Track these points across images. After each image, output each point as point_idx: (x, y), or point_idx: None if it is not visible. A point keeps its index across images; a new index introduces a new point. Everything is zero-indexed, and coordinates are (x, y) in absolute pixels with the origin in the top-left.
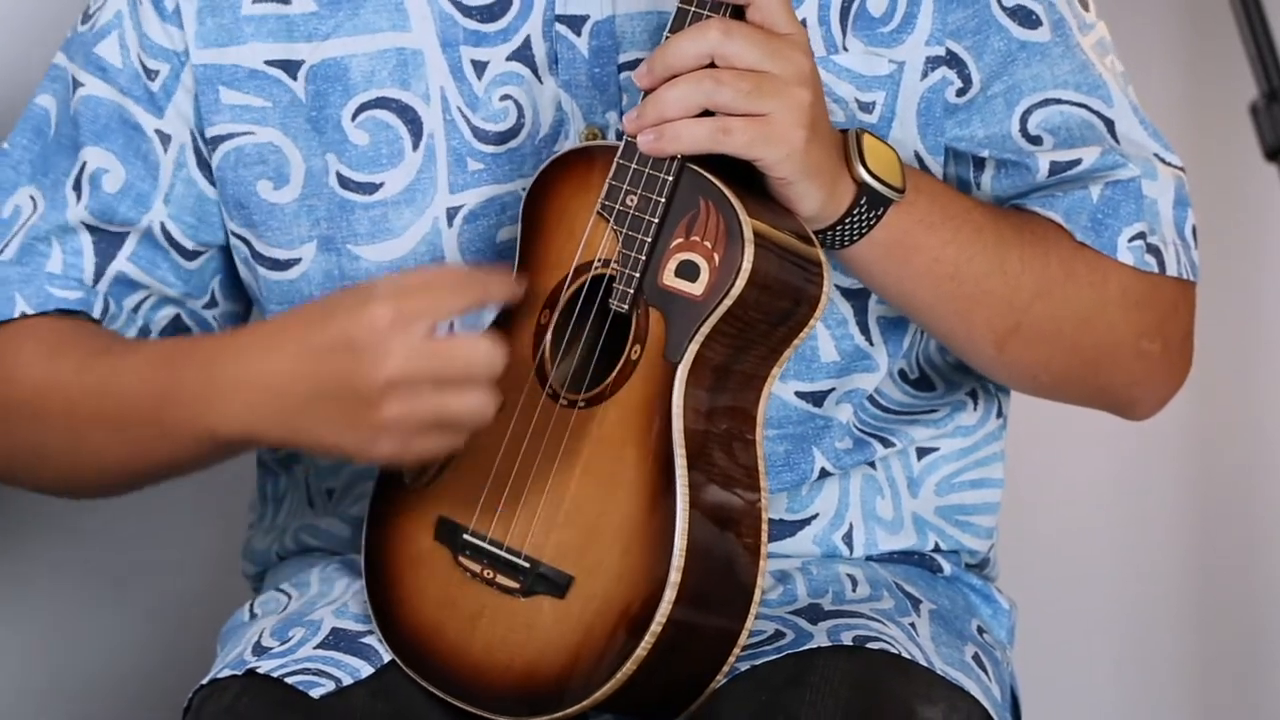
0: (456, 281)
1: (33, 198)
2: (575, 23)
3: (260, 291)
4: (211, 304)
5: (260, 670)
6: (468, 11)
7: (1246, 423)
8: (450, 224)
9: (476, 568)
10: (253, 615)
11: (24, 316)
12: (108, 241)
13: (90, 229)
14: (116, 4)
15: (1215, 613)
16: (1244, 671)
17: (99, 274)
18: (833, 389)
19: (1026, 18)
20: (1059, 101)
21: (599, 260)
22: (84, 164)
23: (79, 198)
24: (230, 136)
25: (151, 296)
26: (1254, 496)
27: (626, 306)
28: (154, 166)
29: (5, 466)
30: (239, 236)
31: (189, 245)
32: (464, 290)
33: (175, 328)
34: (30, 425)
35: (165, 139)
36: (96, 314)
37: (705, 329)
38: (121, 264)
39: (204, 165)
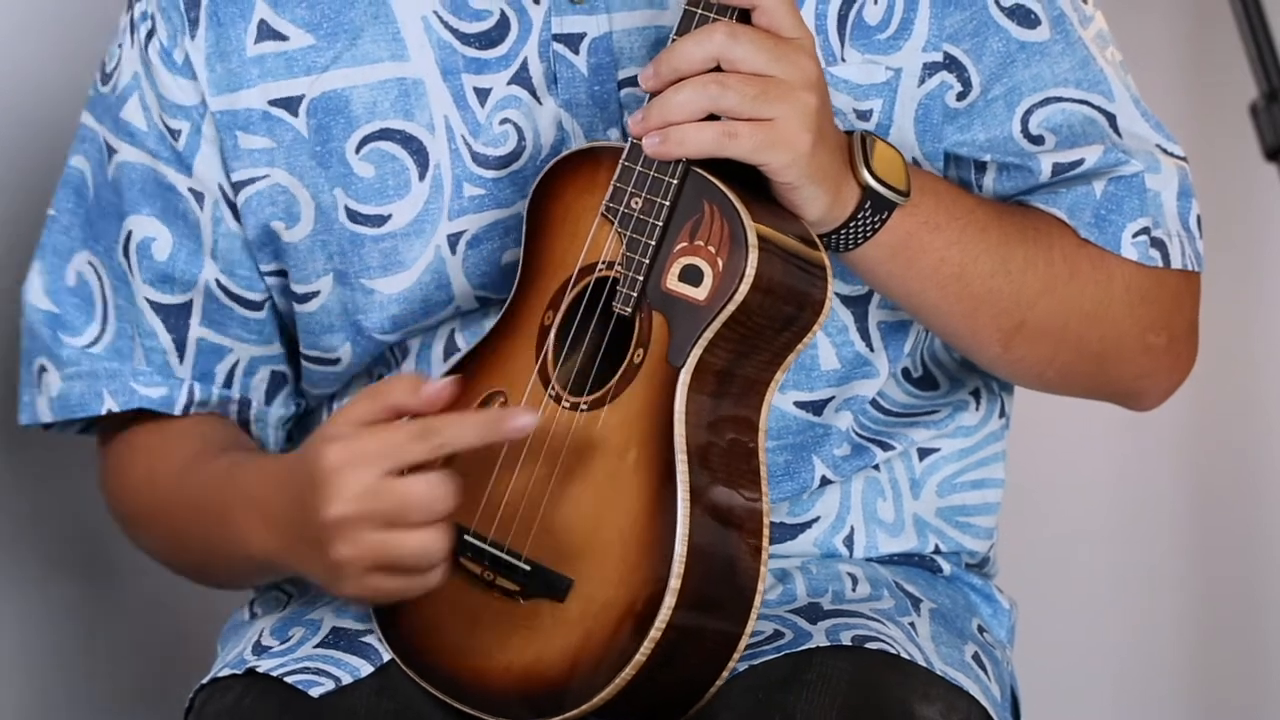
0: (417, 429)
1: (92, 264)
2: (573, 41)
3: (296, 324)
4: (285, 347)
5: (260, 669)
6: (466, 39)
7: (1247, 424)
8: (454, 251)
9: (477, 569)
10: (253, 615)
11: (110, 414)
12: (175, 315)
13: (154, 305)
14: (131, 65)
15: (1215, 613)
16: (1244, 671)
17: (181, 350)
18: (832, 397)
19: (1025, 17)
20: (1060, 100)
21: (603, 262)
22: (129, 232)
23: (131, 269)
24: (251, 181)
25: (240, 360)
26: (1255, 498)
27: (629, 310)
28: (195, 225)
29: (158, 558)
30: (273, 272)
31: (250, 296)
32: (423, 439)
33: (274, 384)
34: (140, 534)
35: (199, 196)
36: (179, 409)
37: (708, 334)
38: (197, 331)
39: (238, 215)
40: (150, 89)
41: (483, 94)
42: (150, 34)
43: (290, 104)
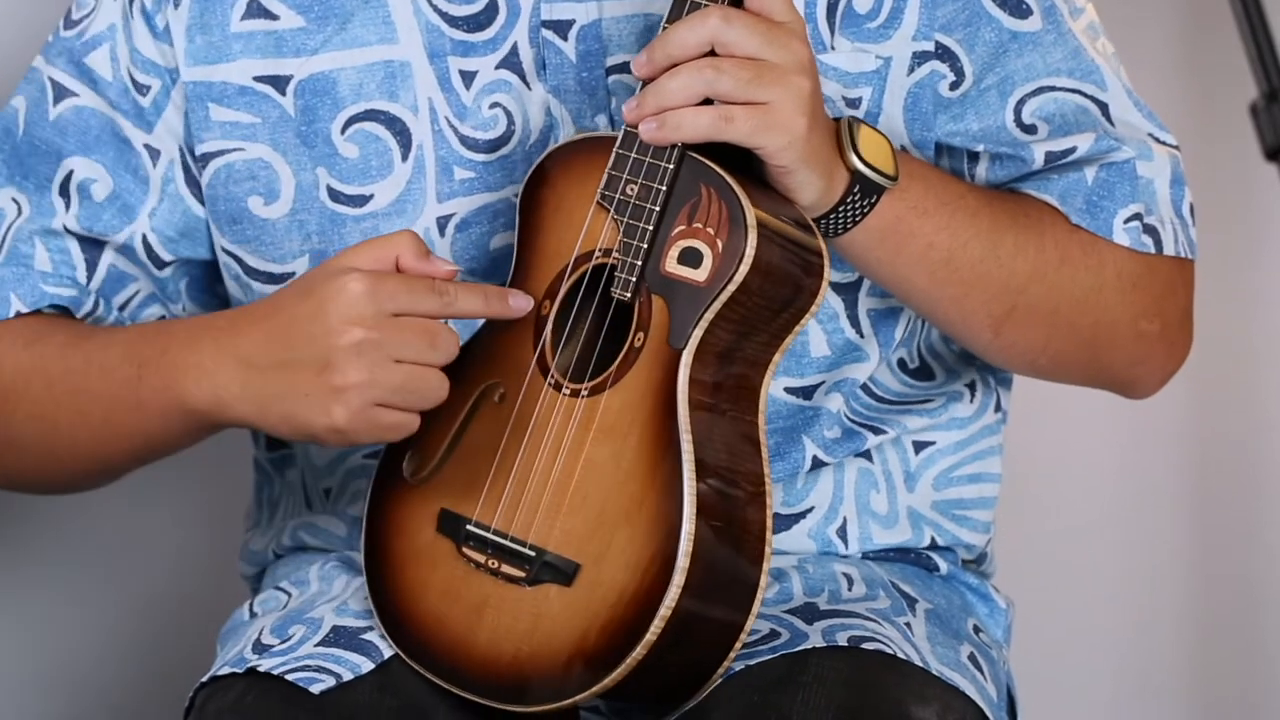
0: (431, 283)
1: (15, 200)
2: (562, 28)
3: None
4: (183, 308)
5: (261, 668)
6: (454, 22)
7: (1247, 421)
8: (442, 234)
9: (480, 558)
10: (252, 614)
11: (18, 315)
12: (91, 245)
13: (73, 234)
14: (109, 16)
15: (1214, 611)
16: (1243, 670)
17: (91, 270)
18: (822, 382)
19: (1017, 7)
20: (1053, 89)
21: (600, 250)
22: (70, 172)
23: (68, 205)
24: (220, 153)
25: (140, 293)
26: (1253, 494)
27: (629, 294)
28: (143, 180)
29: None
30: (230, 253)
31: (165, 257)
32: (438, 294)
33: None
34: (2, 414)
35: (154, 154)
36: (82, 313)
37: (709, 315)
38: (109, 257)
39: (193, 182)
40: (125, 42)
41: (468, 77)
42: None
43: (278, 82)
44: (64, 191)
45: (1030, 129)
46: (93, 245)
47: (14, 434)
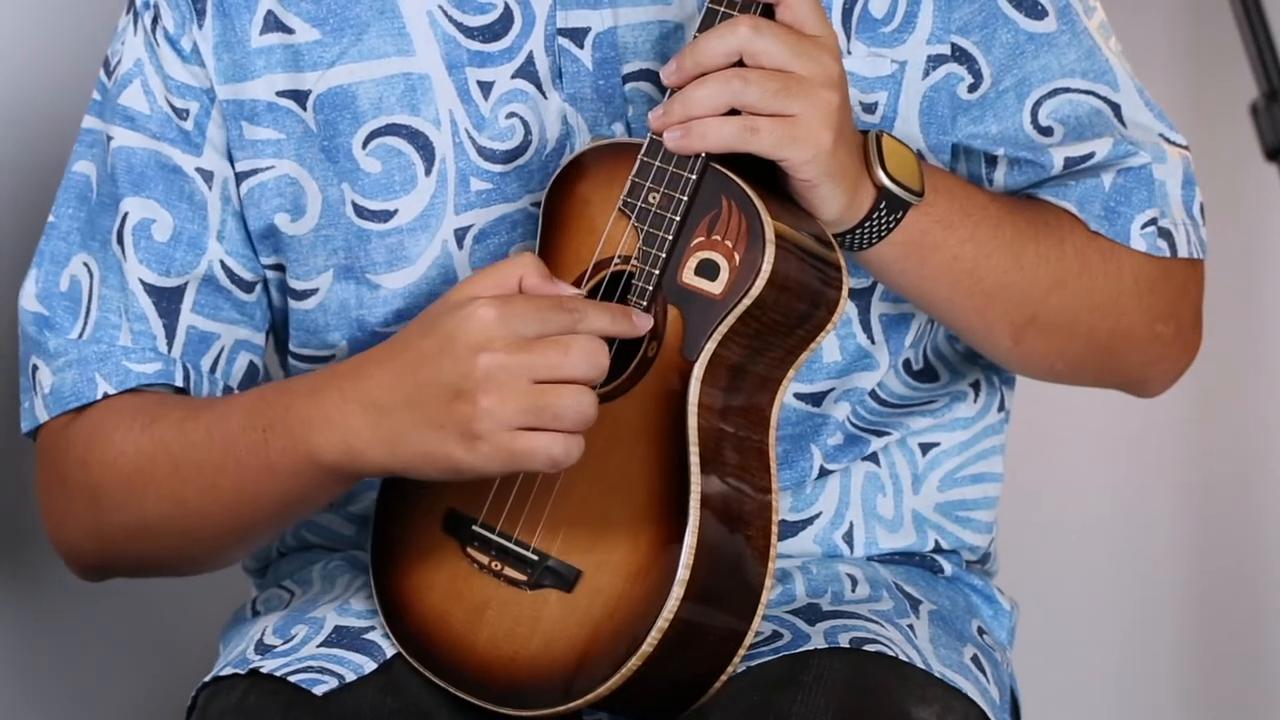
0: (557, 300)
1: (86, 264)
2: (577, 35)
3: (286, 319)
4: (267, 334)
5: (264, 669)
6: (470, 33)
7: (1247, 422)
8: (460, 245)
9: (484, 559)
10: (255, 613)
11: (106, 397)
12: (168, 299)
13: (147, 288)
14: (134, 52)
15: (1216, 612)
16: (1245, 671)
17: (170, 336)
18: (832, 389)
19: (1033, 8)
20: (1068, 90)
21: (619, 256)
22: (125, 215)
23: (124, 252)
24: (254, 172)
25: (225, 347)
26: (1255, 496)
27: (645, 303)
28: (201, 206)
29: (103, 552)
30: (272, 266)
31: (249, 278)
32: (565, 311)
33: (250, 376)
34: (132, 500)
35: (207, 176)
36: (179, 383)
37: (723, 328)
38: (188, 318)
39: (242, 204)
40: (155, 72)
41: (485, 87)
42: (155, 20)
43: (299, 97)
44: (120, 238)
45: (1047, 131)
46: (169, 303)
47: (145, 519)
